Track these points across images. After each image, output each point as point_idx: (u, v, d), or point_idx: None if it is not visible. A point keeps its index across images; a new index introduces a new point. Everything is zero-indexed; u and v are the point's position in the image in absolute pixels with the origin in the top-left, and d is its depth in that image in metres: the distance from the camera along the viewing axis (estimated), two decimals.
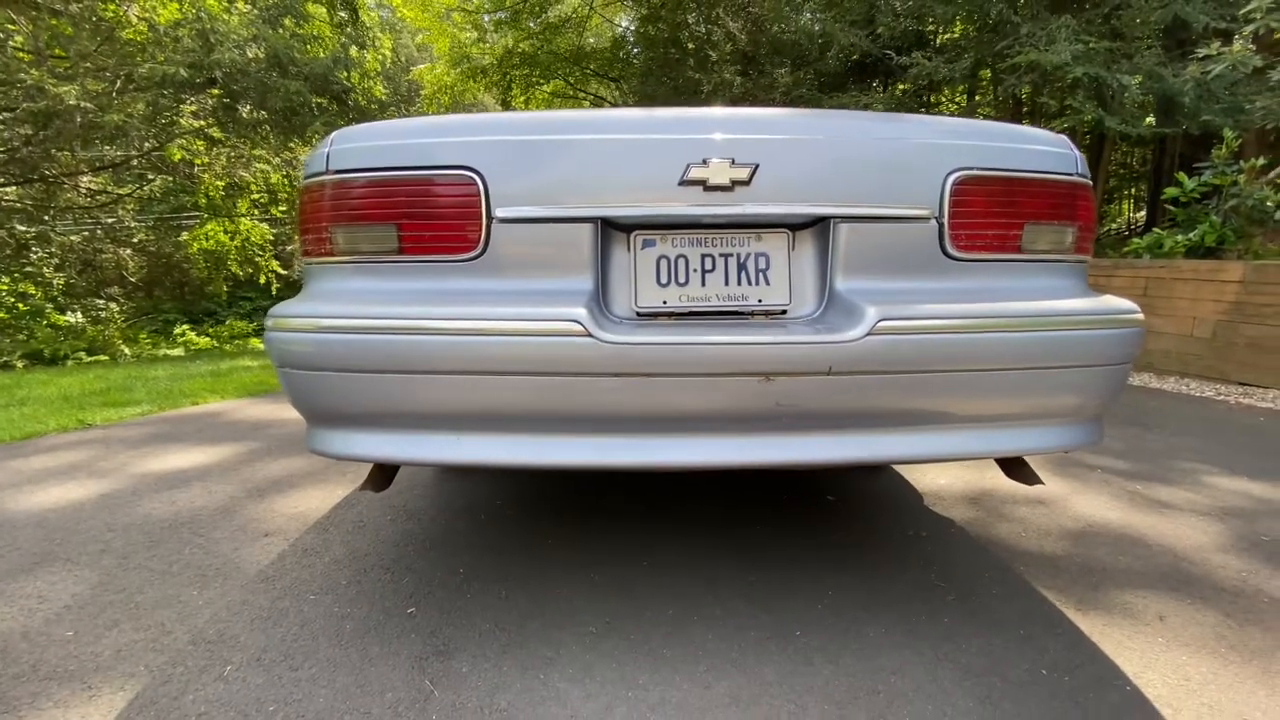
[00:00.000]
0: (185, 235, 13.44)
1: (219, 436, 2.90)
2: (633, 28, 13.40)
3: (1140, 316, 1.18)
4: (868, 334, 1.02)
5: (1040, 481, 1.31)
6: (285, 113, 9.40)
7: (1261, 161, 4.83)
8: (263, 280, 13.93)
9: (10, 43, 9.54)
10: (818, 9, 8.77)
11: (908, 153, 1.18)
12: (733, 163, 1.11)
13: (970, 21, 7.49)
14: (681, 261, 1.18)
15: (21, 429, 2.99)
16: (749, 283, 1.17)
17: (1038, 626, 1.34)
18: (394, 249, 1.17)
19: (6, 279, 11.28)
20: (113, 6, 9.85)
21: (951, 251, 1.16)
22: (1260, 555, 1.68)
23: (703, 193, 1.12)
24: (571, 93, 14.19)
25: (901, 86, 8.90)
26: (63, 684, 1.16)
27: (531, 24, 12.58)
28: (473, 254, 1.15)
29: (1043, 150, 1.24)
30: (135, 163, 11.39)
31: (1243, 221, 4.68)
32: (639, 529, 1.79)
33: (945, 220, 1.15)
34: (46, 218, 11.31)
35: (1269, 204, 4.55)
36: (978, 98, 9.73)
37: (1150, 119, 6.35)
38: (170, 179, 12.33)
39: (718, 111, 1.17)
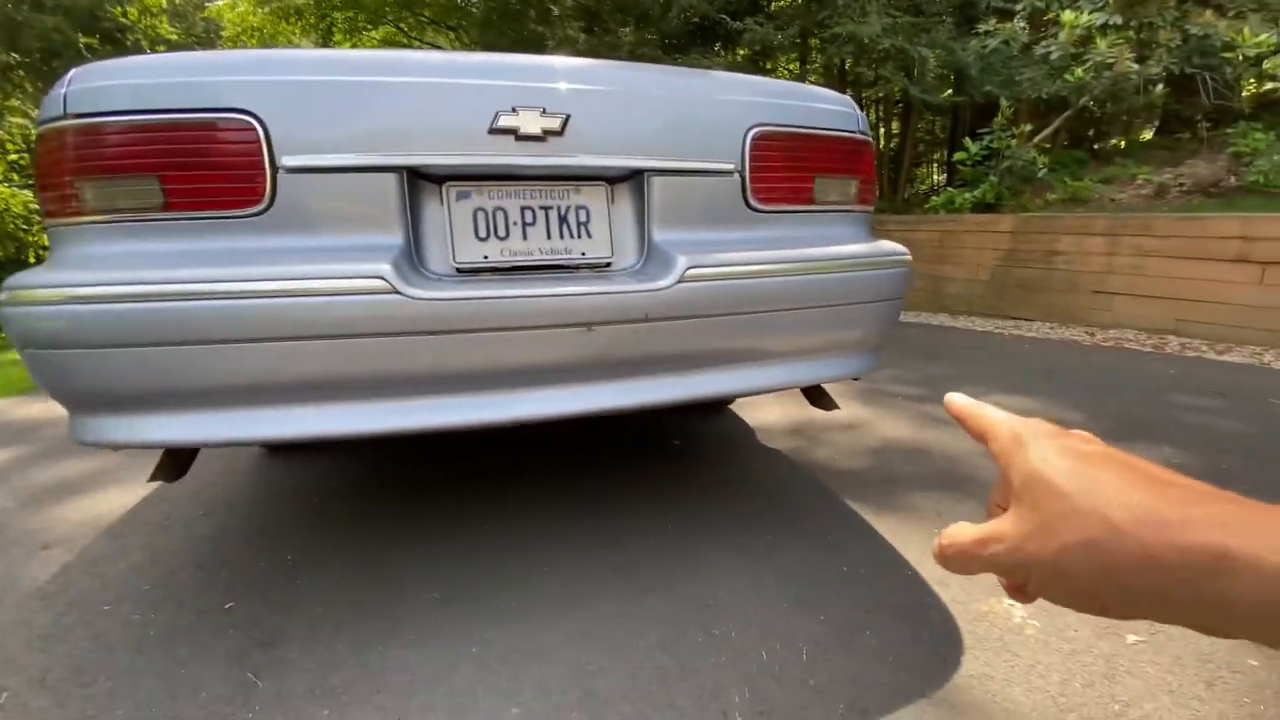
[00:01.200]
0: None
1: None
2: None
3: (908, 258, 1.37)
4: (678, 281, 1.08)
5: (836, 406, 1.49)
6: (44, 55, 7.68)
7: (1029, 127, 5.70)
8: (31, 259, 11.50)
9: None
10: None
11: (713, 109, 1.24)
12: (543, 112, 1.10)
13: None
14: (500, 214, 1.16)
15: None
16: (571, 235, 1.18)
17: (844, 532, 1.54)
18: (158, 204, 1.02)
19: None
20: None
21: (753, 203, 1.25)
22: None
23: (514, 142, 1.10)
24: (405, 40, 13.05)
25: (741, 52, 9.27)
26: None
27: None
28: (257, 209, 1.04)
29: (829, 109, 1.37)
30: None
31: (1015, 180, 5.52)
32: (485, 495, 1.78)
33: (746, 174, 1.23)
34: None
35: (1035, 164, 5.41)
36: (809, 65, 10.41)
37: (949, 91, 7.20)
38: None
39: (526, 59, 1.15)
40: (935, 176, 13.54)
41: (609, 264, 1.22)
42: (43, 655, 1.14)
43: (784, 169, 1.28)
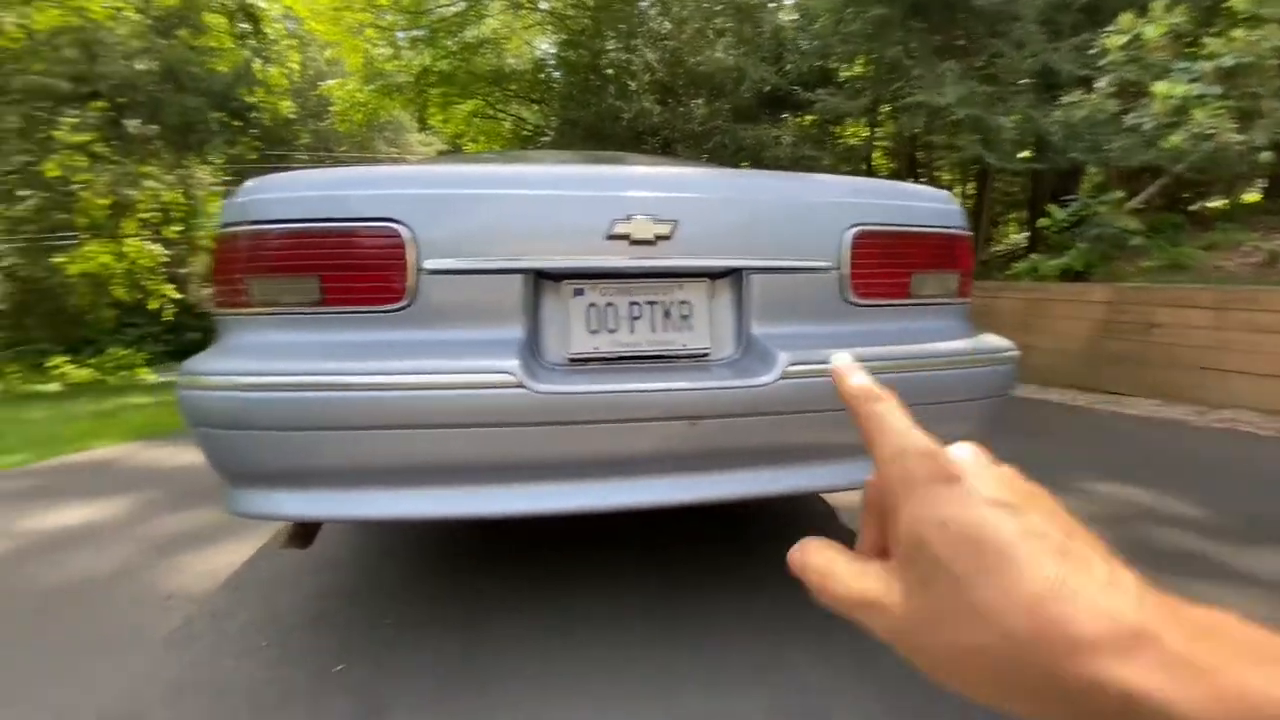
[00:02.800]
0: (62, 258, 12.18)
1: (110, 488, 2.67)
2: (553, 51, 13.53)
3: (1016, 353, 1.35)
4: (779, 378, 1.11)
5: None
6: (181, 129, 8.78)
7: (1120, 194, 5.50)
8: (154, 306, 12.82)
9: None
10: (731, 45, 9.21)
11: (812, 210, 1.29)
12: (655, 219, 1.18)
13: (869, 62, 8.10)
14: (610, 309, 1.24)
15: None
16: (674, 329, 1.24)
17: None
18: (316, 300, 1.15)
19: None
20: None
21: (851, 299, 1.28)
22: (1148, 560, 1.91)
23: (628, 246, 1.18)
24: (491, 113, 14.08)
25: (809, 118, 9.48)
26: None
27: (449, 43, 12.43)
28: (399, 305, 1.15)
29: (928, 207, 1.40)
30: (4, 179, 10.27)
31: (1106, 247, 5.31)
32: (567, 570, 1.81)
33: (846, 271, 1.27)
34: None
35: (1127, 232, 5.19)
36: (877, 130, 10.50)
37: (1026, 153, 7.09)
38: (44, 196, 11.19)
39: (639, 170, 1.25)
40: (1014, 237, 13.15)
41: (706, 354, 1.26)
42: (173, 710, 1.23)
43: (883, 265, 1.31)
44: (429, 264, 1.15)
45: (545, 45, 14.40)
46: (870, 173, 10.06)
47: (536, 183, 1.22)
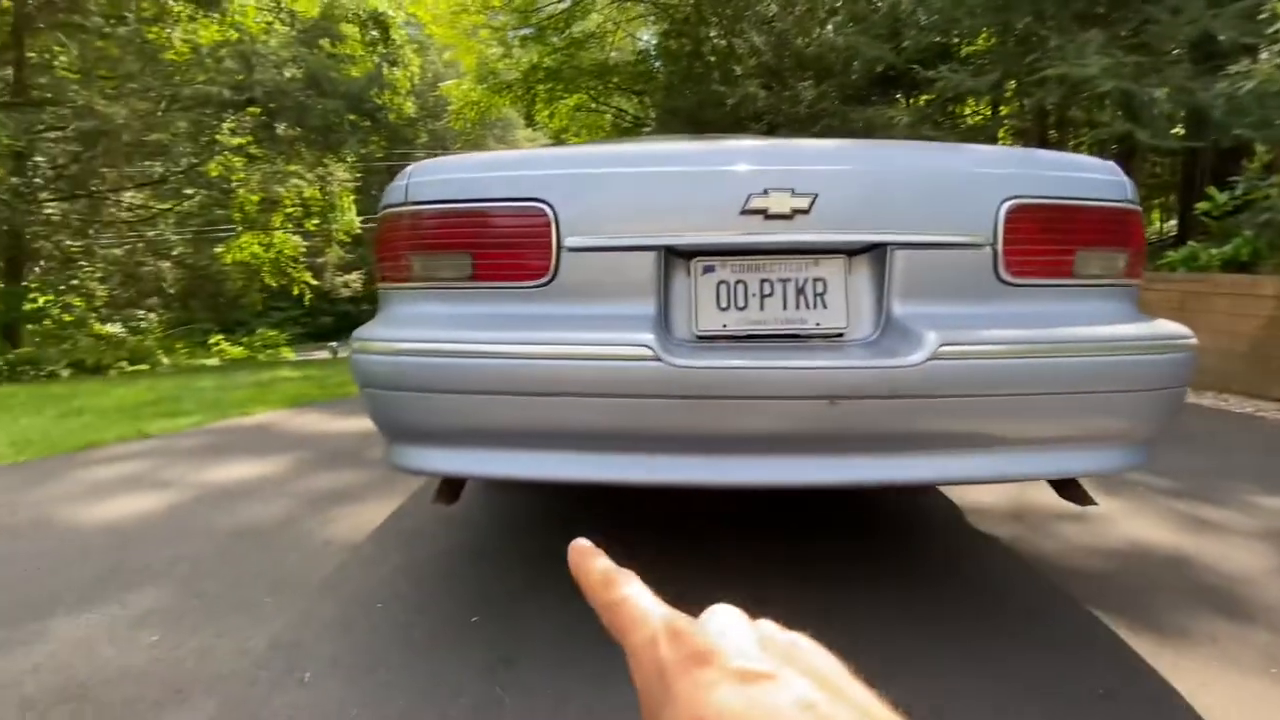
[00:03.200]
0: (220, 248, 13.87)
1: (269, 448, 3.01)
2: (655, 42, 13.58)
3: (1193, 341, 1.20)
4: (929, 358, 1.06)
5: (1094, 503, 1.33)
6: (322, 130, 9.71)
7: None
8: (295, 291, 14.31)
9: (55, 63, 9.98)
10: (842, 24, 8.81)
11: (962, 181, 1.22)
12: (793, 193, 1.16)
13: (995, 35, 7.48)
14: (740, 286, 1.23)
15: (83, 438, 3.13)
16: (806, 306, 1.22)
17: (1089, 646, 1.35)
18: (468, 275, 1.24)
19: (52, 293, 11.72)
20: (157, 29, 10.27)
21: (1005, 277, 1.19)
22: None
23: (763, 221, 1.17)
24: (594, 105, 14.40)
25: (925, 98, 8.91)
26: (151, 686, 1.23)
27: (556, 39, 12.82)
28: (543, 280, 1.21)
29: (1092, 178, 1.27)
30: (174, 179, 11.80)
31: (1276, 235, 4.60)
32: (691, 544, 1.83)
33: (999, 247, 1.18)
34: (91, 232, 11.75)
35: None
36: (1003, 109, 9.69)
37: (1179, 130, 6.27)
38: (206, 194, 12.73)
39: (778, 143, 1.23)
40: (1161, 224, 11.73)
41: (841, 334, 1.23)
42: (332, 644, 1.37)
43: (1042, 241, 1.21)
44: (570, 241, 1.20)
45: (646, 36, 14.48)
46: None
47: (673, 159, 1.23)
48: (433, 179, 1.27)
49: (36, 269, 11.93)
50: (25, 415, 3.88)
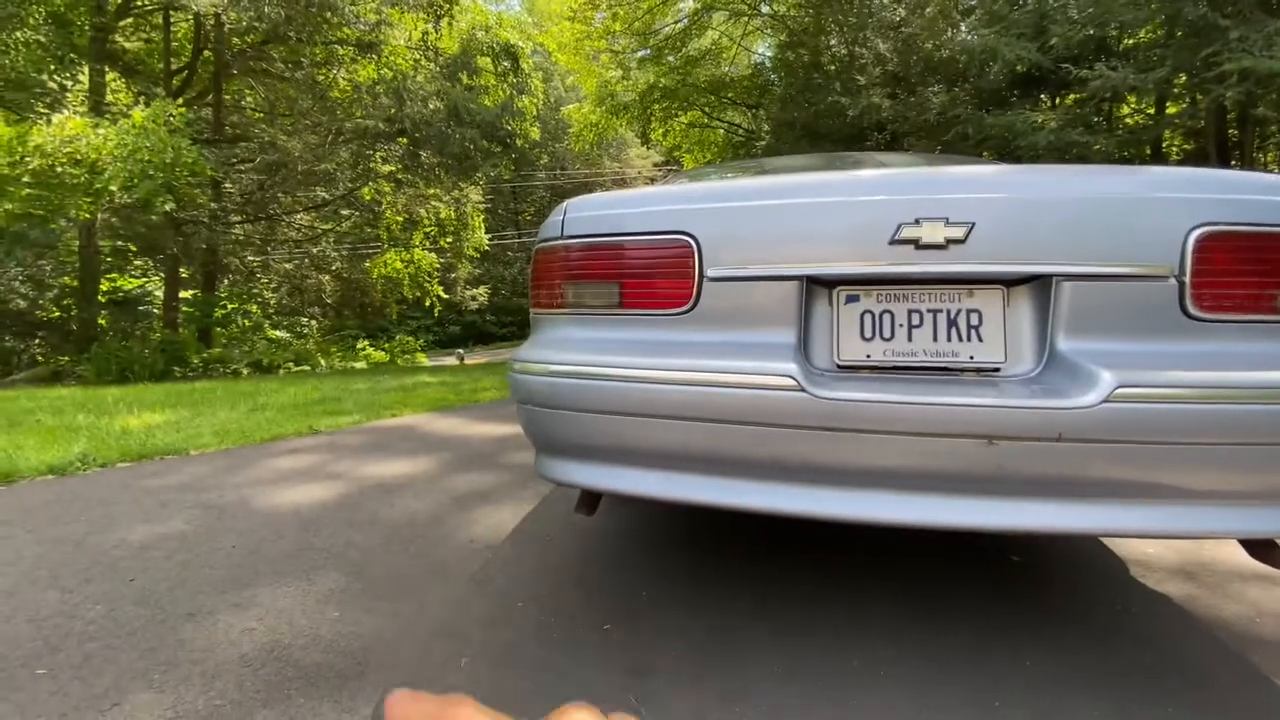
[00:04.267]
0: (368, 263, 15.52)
1: (418, 448, 3.33)
2: (770, 55, 13.47)
3: None
4: (1104, 400, 0.99)
5: None
6: (459, 157, 10.60)
7: None
8: (428, 303, 15.68)
9: (244, 103, 11.65)
10: (979, 24, 8.28)
11: (1140, 207, 1.13)
12: (947, 222, 1.14)
13: (1163, 26, 6.69)
14: (887, 316, 1.22)
15: (269, 431, 3.64)
16: (959, 339, 1.18)
17: None
18: (616, 303, 1.32)
19: (235, 301, 13.64)
20: (325, 70, 11.72)
21: (1193, 311, 1.09)
22: None
23: (914, 251, 1.15)
24: (708, 121, 14.52)
25: (1074, 97, 8.12)
26: (338, 656, 1.41)
27: (671, 59, 13.11)
28: (685, 309, 1.27)
29: None
30: (335, 202, 13.35)
31: None
32: (812, 576, 1.81)
33: (1187, 279, 1.08)
34: (269, 249, 13.61)
35: None
36: (1169, 108, 8.60)
37: None
38: (359, 215, 14.28)
39: (929, 170, 1.21)
40: None
41: (997, 369, 1.18)
42: (483, 635, 1.50)
43: (1239, 273, 1.09)
44: (712, 271, 1.25)
45: (762, 49, 14.39)
46: (1160, 159, 8.26)
47: (818, 190, 1.24)
48: (586, 215, 1.38)
49: (225, 281, 13.99)
50: (223, 409, 4.57)
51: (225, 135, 11.58)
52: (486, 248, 15.55)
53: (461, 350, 16.69)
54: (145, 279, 13.67)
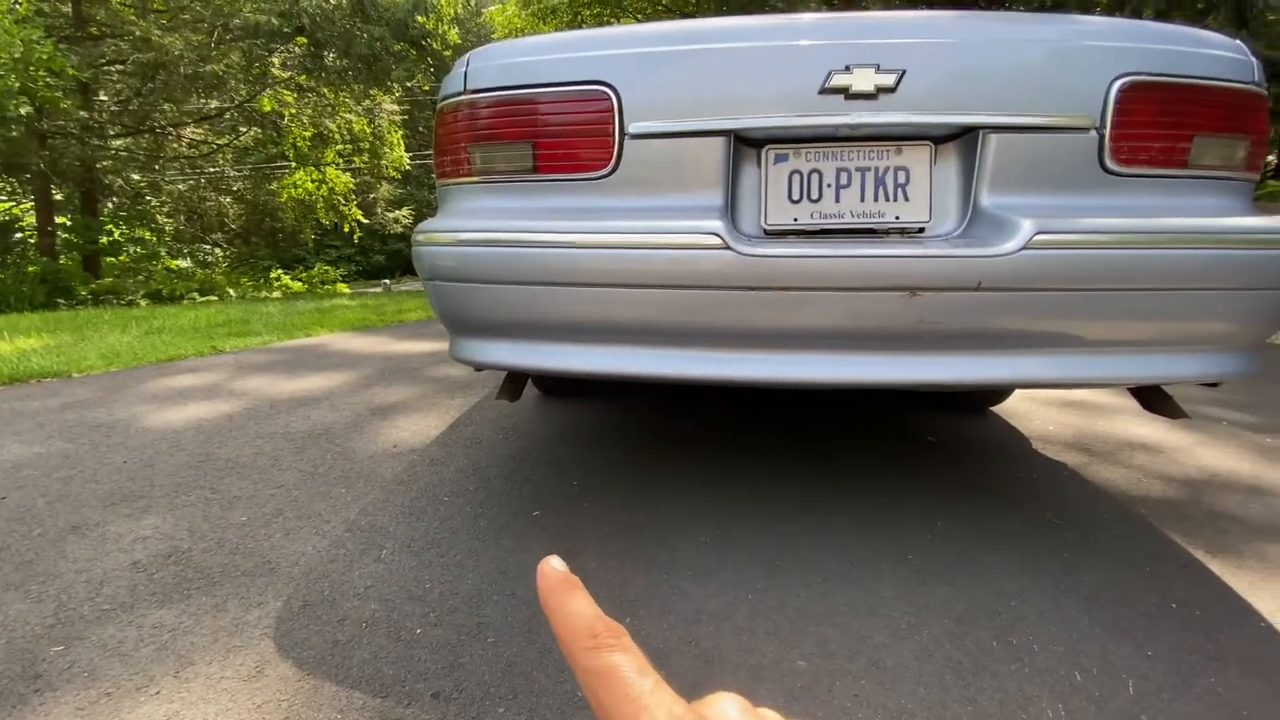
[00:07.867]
0: (275, 185, 14.19)
1: (333, 364, 3.14)
2: None
3: None
4: (1023, 248, 0.99)
5: (1185, 414, 1.25)
6: (367, 59, 9.62)
7: None
8: (346, 228, 14.61)
9: None
10: None
11: (1069, 56, 1.10)
12: (878, 69, 1.07)
13: None
14: (815, 176, 1.16)
15: (165, 352, 3.33)
16: (886, 198, 1.15)
17: (1165, 565, 1.31)
18: (529, 168, 1.21)
19: (124, 225, 12.30)
20: None
21: (1110, 166, 1.09)
22: None
23: (844, 101, 1.09)
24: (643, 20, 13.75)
25: None
26: (244, 558, 1.33)
27: None
28: (604, 172, 1.17)
29: (1217, 55, 1.13)
30: (230, 114, 11.99)
31: None
32: (736, 456, 1.84)
33: (1107, 131, 1.07)
34: (156, 167, 12.17)
35: None
36: None
37: None
38: (260, 130, 12.92)
39: (861, 15, 1.13)
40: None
41: (922, 229, 1.16)
42: (407, 527, 1.45)
43: (1155, 125, 1.09)
44: (634, 127, 1.15)
45: None
46: (1164, 16, 8.01)
47: (746, 35, 1.14)
48: (492, 64, 1.23)
49: (110, 205, 12.52)
50: (112, 333, 4.15)
51: (88, 32, 10.04)
52: (408, 167, 14.44)
53: (388, 280, 15.82)
54: (12, 203, 12.07)
